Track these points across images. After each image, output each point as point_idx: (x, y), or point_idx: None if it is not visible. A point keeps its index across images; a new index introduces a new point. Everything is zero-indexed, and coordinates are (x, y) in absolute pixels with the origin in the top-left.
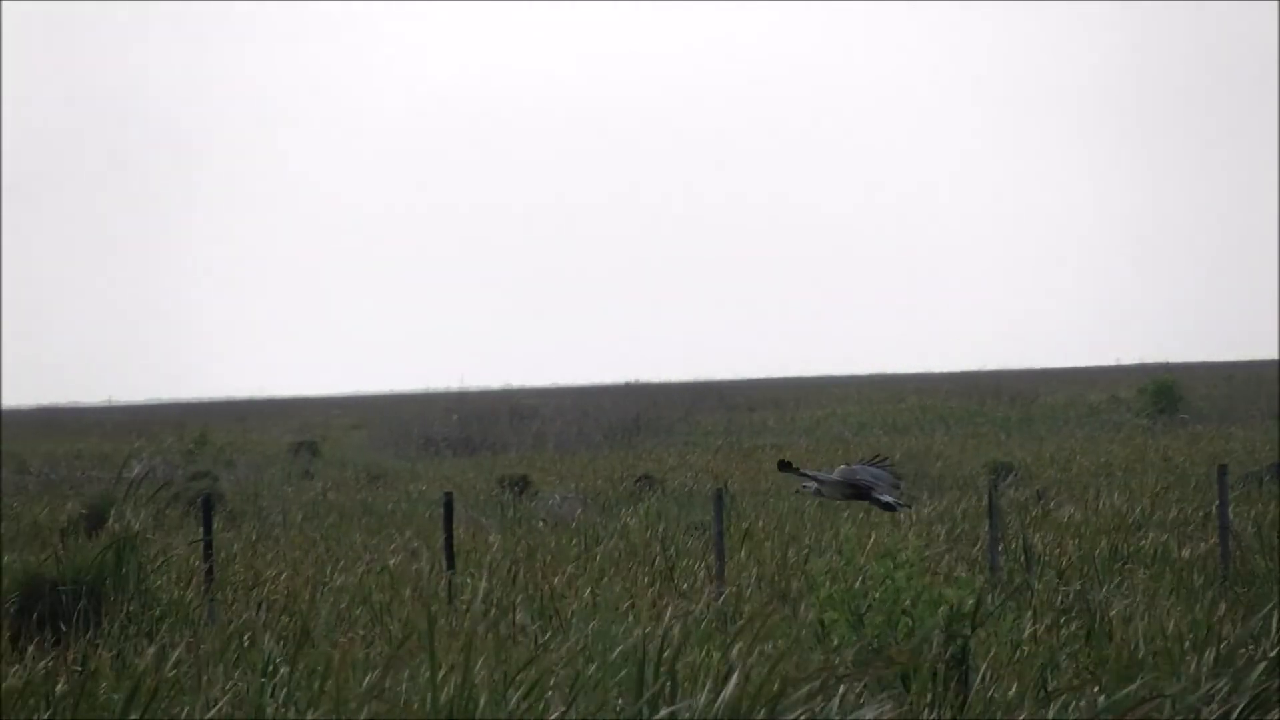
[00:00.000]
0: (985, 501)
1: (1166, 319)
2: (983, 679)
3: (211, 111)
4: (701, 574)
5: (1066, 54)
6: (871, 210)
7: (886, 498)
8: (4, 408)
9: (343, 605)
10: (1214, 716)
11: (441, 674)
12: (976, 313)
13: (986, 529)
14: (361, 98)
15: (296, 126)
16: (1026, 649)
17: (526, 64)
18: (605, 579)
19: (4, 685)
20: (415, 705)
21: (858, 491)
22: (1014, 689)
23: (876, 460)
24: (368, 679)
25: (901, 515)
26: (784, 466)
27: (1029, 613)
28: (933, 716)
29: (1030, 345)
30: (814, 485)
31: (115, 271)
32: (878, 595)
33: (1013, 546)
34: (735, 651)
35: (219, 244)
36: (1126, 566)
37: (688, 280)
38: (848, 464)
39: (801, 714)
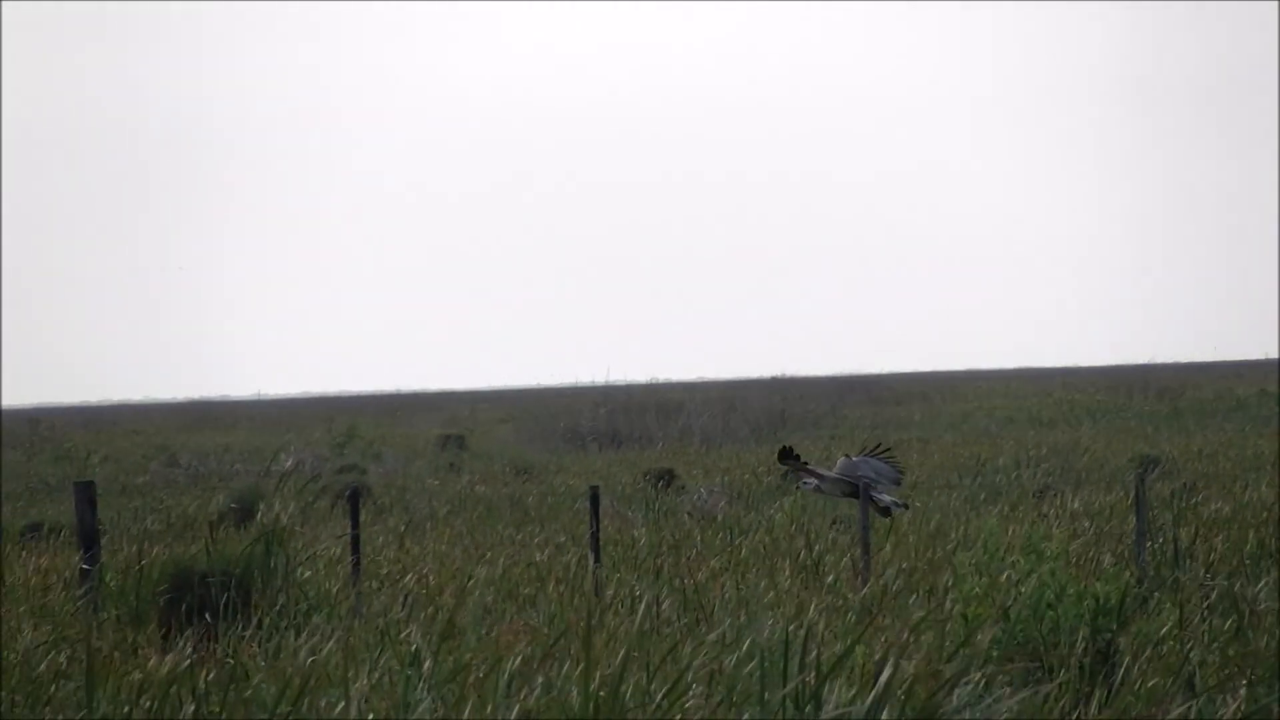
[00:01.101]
0: (1132, 495)
1: None
2: (1128, 673)
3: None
4: (846, 568)
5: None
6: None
7: (885, 498)
8: (156, 401)
9: (489, 599)
10: None
11: (582, 668)
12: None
13: (1133, 523)
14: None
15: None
16: (1173, 644)
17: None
18: (750, 572)
19: (153, 675)
20: (562, 699)
21: (856, 490)
22: (1160, 683)
23: (878, 451)
24: (510, 666)
25: (896, 515)
26: (786, 456)
27: (1176, 607)
28: (1078, 711)
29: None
30: (814, 483)
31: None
32: (1023, 590)
33: (1159, 541)
34: (879, 644)
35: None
36: (1275, 561)
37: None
38: (848, 456)
39: (946, 707)
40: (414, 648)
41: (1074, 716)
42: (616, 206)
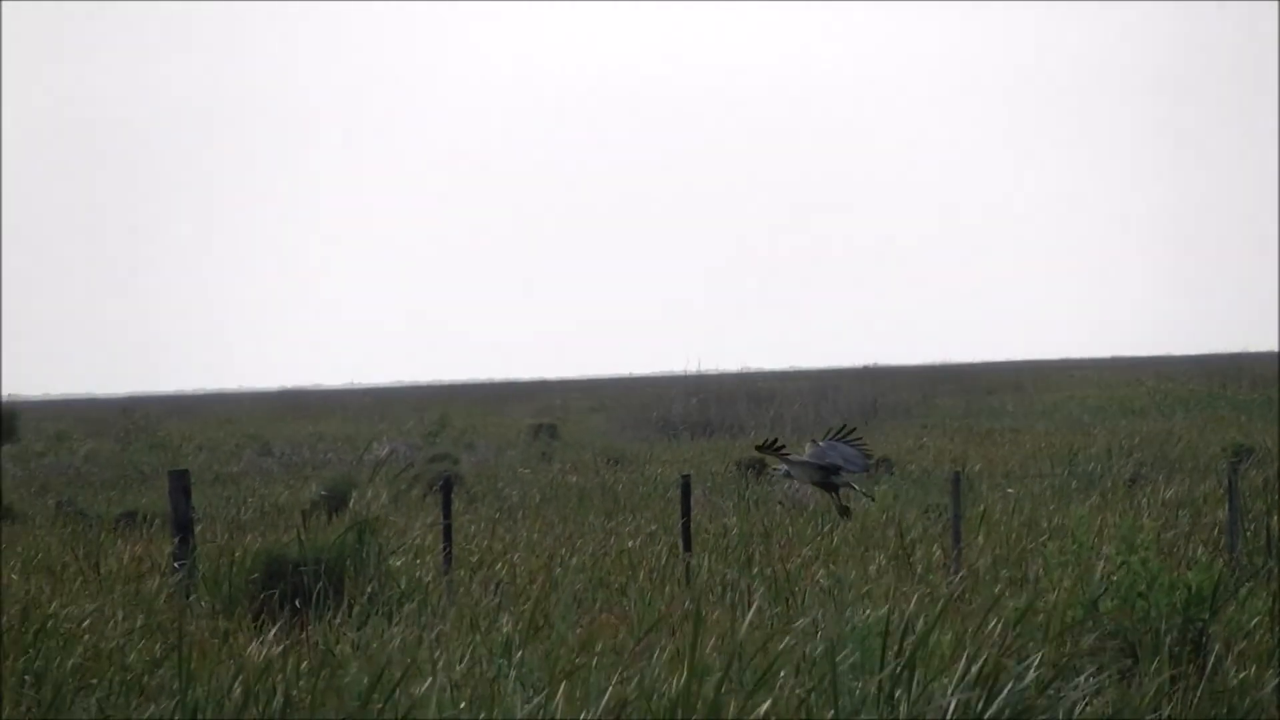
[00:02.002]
0: (1224, 485)
1: None
2: (1220, 662)
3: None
4: (938, 557)
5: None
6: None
7: (848, 488)
8: (250, 390)
9: (579, 587)
10: None
11: (674, 656)
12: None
13: (1226, 512)
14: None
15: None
16: (1265, 633)
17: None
18: (841, 561)
19: (246, 662)
20: (654, 687)
21: (825, 477)
22: (1253, 672)
23: (846, 435)
24: (601, 654)
25: (865, 503)
26: (765, 448)
27: (1269, 596)
28: (1170, 699)
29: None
30: (784, 469)
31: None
32: (1114, 579)
33: (1252, 530)
34: (968, 632)
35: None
36: None
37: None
38: (815, 440)
39: (1039, 696)
40: (505, 636)
41: (1166, 705)
42: (712, 197)
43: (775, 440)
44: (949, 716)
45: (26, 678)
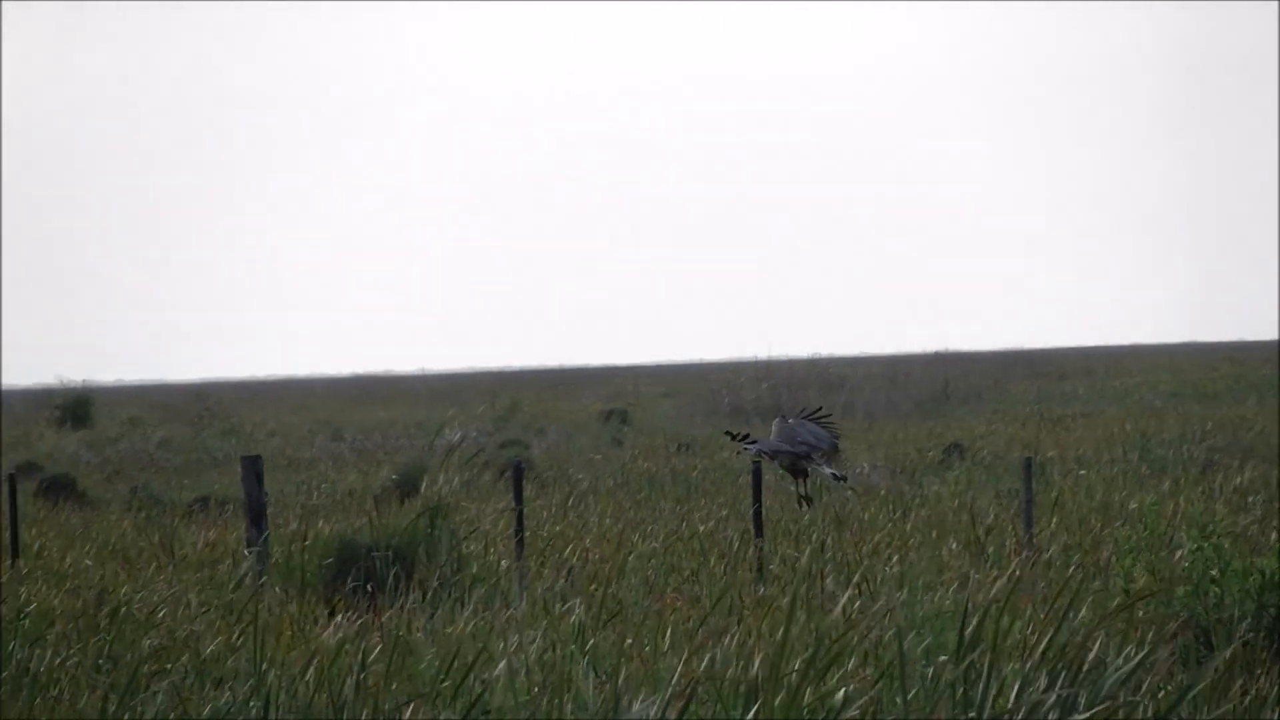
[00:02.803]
0: None
1: None
2: None
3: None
4: (1011, 542)
5: None
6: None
7: (826, 470)
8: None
9: (650, 572)
10: None
11: (748, 641)
12: None
13: None
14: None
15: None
16: None
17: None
18: (913, 547)
19: (319, 646)
20: (724, 671)
21: (795, 461)
22: None
23: (816, 415)
24: (671, 638)
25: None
26: (735, 438)
27: None
28: (1244, 686)
29: None
30: (754, 447)
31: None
32: (1186, 565)
33: None
34: (1039, 617)
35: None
36: None
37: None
38: (784, 417)
39: (1110, 682)
40: (577, 621)
41: (1241, 691)
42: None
43: (746, 434)
44: (1024, 702)
45: (101, 662)
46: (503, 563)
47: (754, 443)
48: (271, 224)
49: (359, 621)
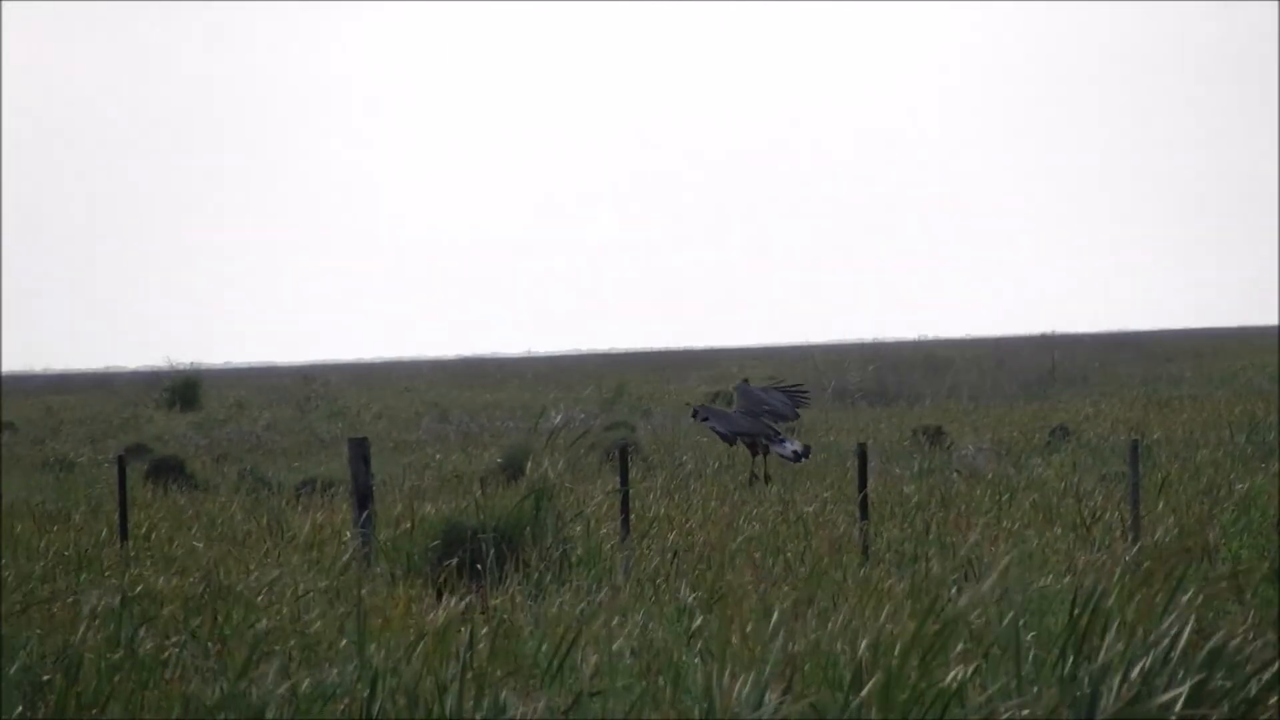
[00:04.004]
0: None
1: None
2: None
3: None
4: (1117, 526)
5: None
6: None
7: (789, 447)
8: (428, 358)
9: (756, 555)
10: None
11: (852, 623)
12: None
13: None
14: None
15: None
16: None
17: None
18: (1019, 530)
19: (426, 629)
20: (827, 651)
21: (754, 441)
22: None
23: (779, 384)
24: (774, 620)
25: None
26: (695, 414)
27: None
28: None
29: None
30: (712, 426)
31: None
32: None
33: None
34: (1147, 601)
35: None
36: None
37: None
38: (745, 380)
39: (1220, 670)
40: (683, 604)
41: None
42: (887, 162)
43: (707, 410)
44: (1133, 686)
45: (210, 644)
46: (608, 545)
47: (709, 419)
48: (380, 207)
49: (464, 603)
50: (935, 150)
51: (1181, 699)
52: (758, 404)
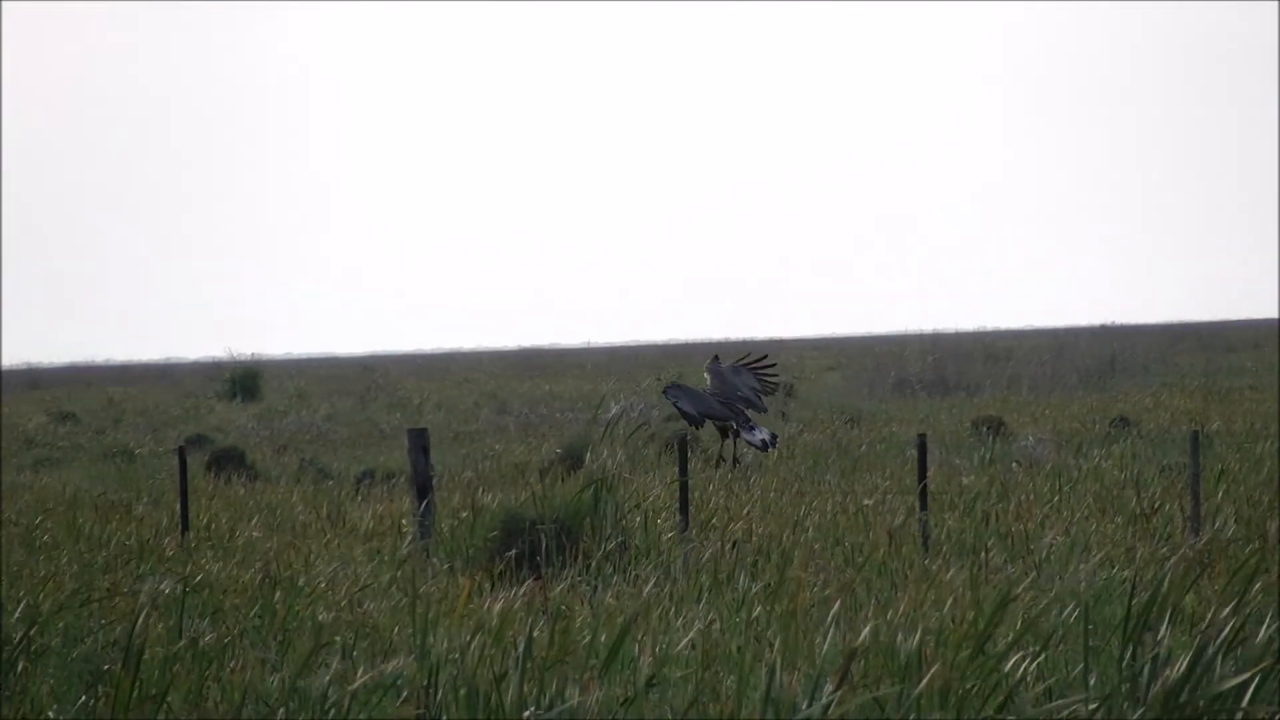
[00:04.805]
0: None
1: None
2: None
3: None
4: (1177, 517)
5: None
6: None
7: (757, 436)
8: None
9: (815, 546)
10: None
11: (913, 613)
12: None
13: None
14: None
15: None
16: None
17: None
18: (1079, 520)
19: (485, 619)
20: (888, 643)
21: (723, 427)
22: None
23: (757, 364)
24: (833, 611)
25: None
26: (668, 391)
27: None
28: None
29: None
30: (682, 409)
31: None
32: None
33: None
34: (1209, 593)
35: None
36: None
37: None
38: (717, 358)
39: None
40: (743, 595)
41: None
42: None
43: (676, 399)
44: (1195, 679)
45: (271, 635)
46: (666, 537)
47: (679, 400)
48: (440, 199)
49: (524, 594)
50: (997, 139)
51: (1249, 692)
52: (730, 389)
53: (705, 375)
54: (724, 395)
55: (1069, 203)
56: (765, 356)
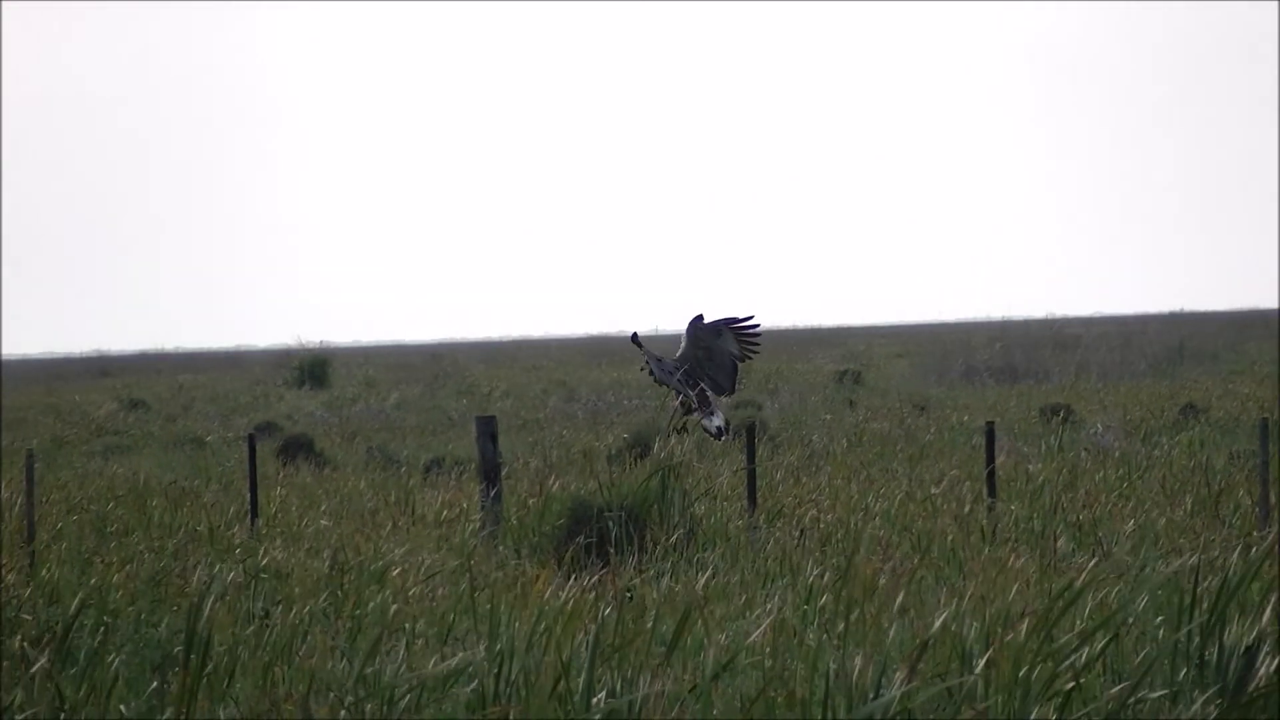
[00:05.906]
0: None
1: None
2: None
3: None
4: (1246, 505)
5: None
6: None
7: (716, 421)
8: (555, 337)
9: (882, 533)
10: None
11: (965, 599)
12: None
13: None
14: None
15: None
16: None
17: None
18: (1148, 509)
19: (553, 606)
20: (956, 631)
21: (687, 401)
22: None
23: (741, 325)
24: (899, 600)
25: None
26: (637, 339)
27: None
28: None
29: None
30: (657, 375)
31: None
32: None
33: None
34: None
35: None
36: None
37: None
38: (700, 317)
39: None
40: (811, 583)
41: None
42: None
43: (645, 362)
44: (1261, 667)
45: (340, 621)
46: (734, 524)
47: (649, 361)
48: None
49: (593, 582)
50: (1067, 128)
51: None
52: (702, 359)
53: (684, 335)
54: (693, 367)
55: (1140, 190)
56: (751, 317)
